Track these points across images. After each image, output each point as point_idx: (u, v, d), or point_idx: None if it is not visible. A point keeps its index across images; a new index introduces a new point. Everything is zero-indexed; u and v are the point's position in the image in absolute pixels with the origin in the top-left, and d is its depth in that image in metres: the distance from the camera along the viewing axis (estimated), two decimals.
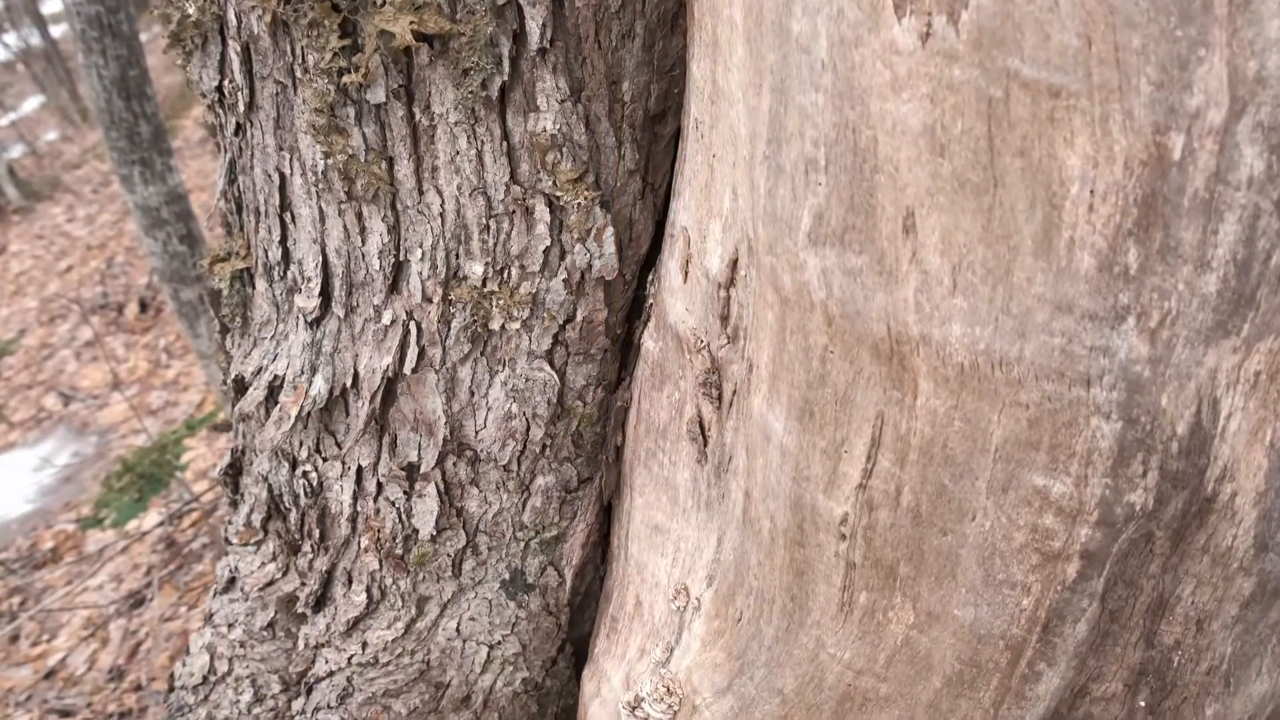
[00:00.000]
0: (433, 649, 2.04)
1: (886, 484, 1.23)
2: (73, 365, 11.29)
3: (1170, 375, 1.05)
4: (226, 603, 2.43)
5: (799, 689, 1.44)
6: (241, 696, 2.35)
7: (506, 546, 1.93)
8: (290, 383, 1.92)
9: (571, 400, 1.77)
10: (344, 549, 2.05)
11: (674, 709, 1.62)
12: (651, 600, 1.76)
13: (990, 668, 1.29)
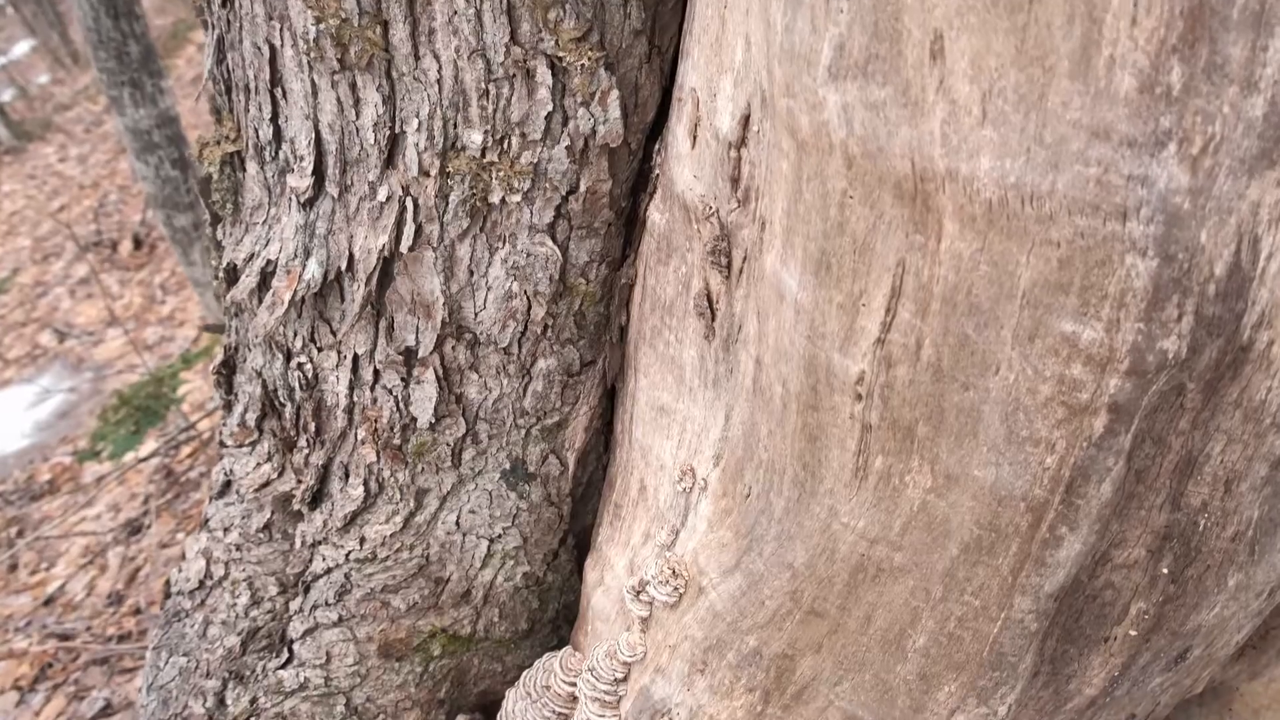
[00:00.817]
0: (432, 543, 2.00)
1: (906, 337, 1.17)
2: (67, 302, 11.21)
3: (1211, 209, 0.99)
4: (222, 507, 2.38)
5: (810, 562, 1.39)
6: (238, 600, 2.31)
7: (507, 434, 1.87)
8: (283, 267, 1.86)
9: (574, 277, 1.70)
10: (340, 442, 2.00)
11: (680, 591, 1.58)
12: (656, 484, 1.71)
13: (1010, 532, 1.24)
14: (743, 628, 1.50)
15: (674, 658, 1.60)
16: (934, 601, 1.34)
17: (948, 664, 1.38)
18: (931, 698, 1.42)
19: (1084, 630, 1.35)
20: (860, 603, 1.38)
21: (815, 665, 1.47)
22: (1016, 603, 1.31)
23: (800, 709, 1.51)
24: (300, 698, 2.08)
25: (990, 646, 1.35)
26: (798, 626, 1.45)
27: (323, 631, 2.08)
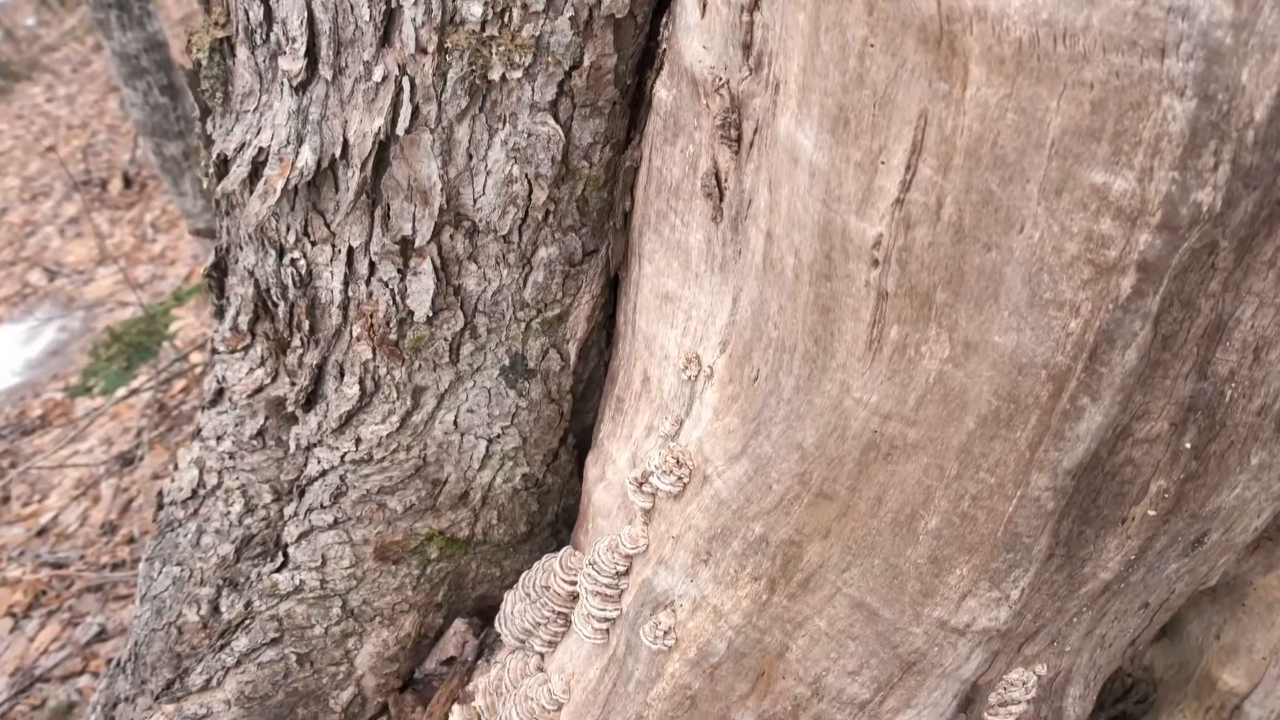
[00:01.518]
0: (429, 444, 1.95)
1: (927, 196, 1.12)
2: (57, 242, 11.08)
3: (1254, 45, 0.94)
4: (214, 415, 2.33)
5: (820, 441, 1.34)
6: (232, 508, 2.27)
7: (506, 328, 1.82)
8: (275, 155, 1.79)
9: (577, 160, 1.65)
10: (335, 340, 1.95)
11: (683, 481, 1.54)
12: (660, 374, 1.66)
13: (1029, 403, 1.20)
14: (748, 514, 1.46)
15: (677, 549, 1.56)
16: (948, 480, 1.30)
17: (960, 546, 1.34)
18: (942, 581, 1.38)
19: (1101, 510, 1.31)
20: (871, 483, 1.34)
21: (823, 551, 1.43)
22: (1033, 480, 1.26)
23: (807, 597, 1.47)
24: (296, 600, 2.04)
25: (1005, 527, 1.31)
26: (805, 510, 1.41)
27: (318, 535, 2.05)
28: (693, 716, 1.63)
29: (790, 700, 1.55)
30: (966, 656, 1.45)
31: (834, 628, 1.48)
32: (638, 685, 1.64)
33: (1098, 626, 1.51)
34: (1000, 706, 1.51)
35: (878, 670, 1.49)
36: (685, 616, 1.57)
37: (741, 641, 1.53)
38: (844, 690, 1.52)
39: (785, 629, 1.51)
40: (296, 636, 2.04)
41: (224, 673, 2.06)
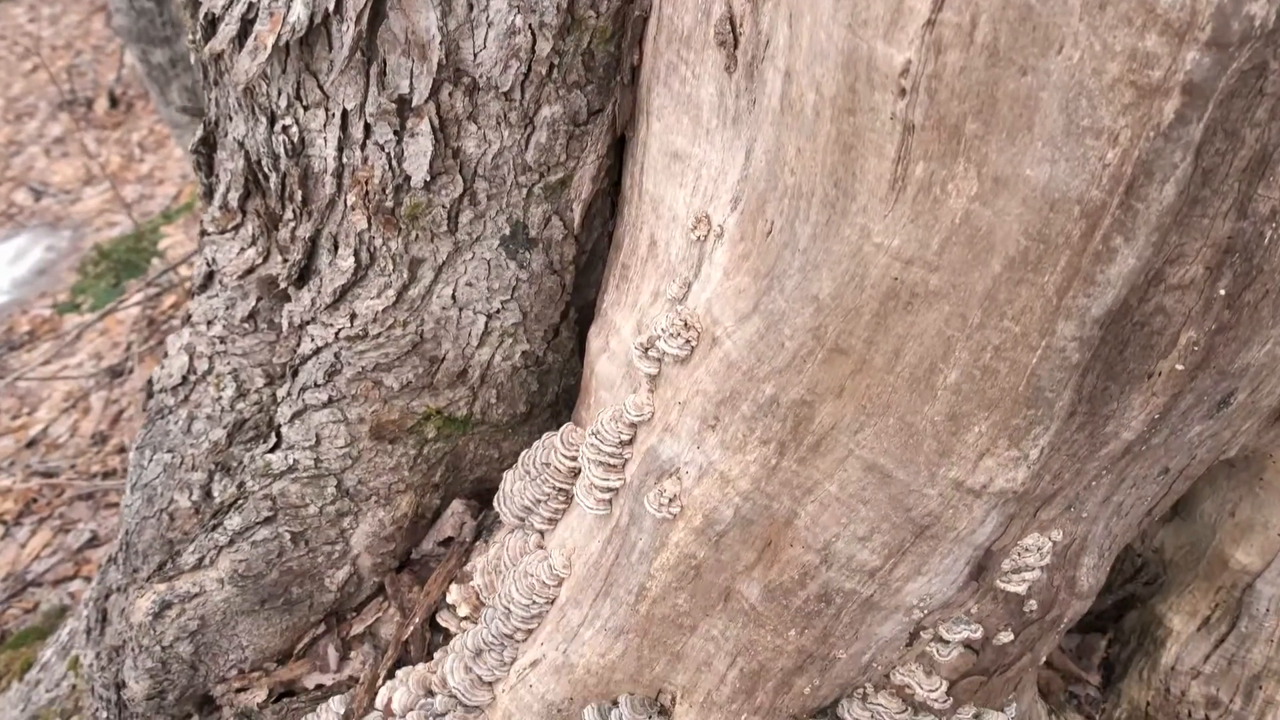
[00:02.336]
0: (426, 319, 1.89)
1: (960, 15, 1.05)
2: (43, 162, 10.88)
3: None
4: (204, 300, 2.27)
5: (836, 292, 1.29)
6: (224, 393, 2.21)
7: (507, 194, 1.75)
8: (265, 9, 1.71)
9: (583, 9, 1.57)
10: (329, 211, 1.88)
11: (691, 344, 1.48)
12: (668, 238, 1.60)
13: (1060, 243, 1.14)
14: (759, 375, 1.41)
15: (683, 415, 1.51)
16: (970, 330, 1.24)
17: (980, 401, 1.29)
18: (959, 440, 1.33)
19: (1128, 364, 1.26)
20: (889, 335, 1.29)
21: (835, 412, 1.38)
22: (1060, 328, 1.21)
23: (817, 461, 1.42)
24: (289, 480, 1.99)
25: (1027, 380, 1.26)
26: (819, 367, 1.35)
27: (312, 414, 1.99)
28: (697, 587, 1.59)
29: (798, 569, 1.51)
30: (981, 520, 1.41)
31: (845, 492, 1.43)
32: (641, 556, 1.60)
33: (1115, 493, 1.46)
34: (1013, 573, 1.47)
35: (889, 536, 1.44)
36: (691, 484, 1.52)
37: (749, 508, 1.49)
38: (854, 557, 1.47)
39: (794, 495, 1.46)
40: (290, 515, 1.99)
41: (216, 551, 2.01)
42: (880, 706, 1.65)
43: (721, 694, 1.67)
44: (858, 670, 1.64)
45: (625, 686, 1.73)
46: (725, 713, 1.68)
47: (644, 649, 1.68)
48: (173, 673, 2.09)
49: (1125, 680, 2.07)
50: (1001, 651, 1.61)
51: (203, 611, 2.03)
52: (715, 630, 1.63)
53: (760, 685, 1.64)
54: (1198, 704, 1.97)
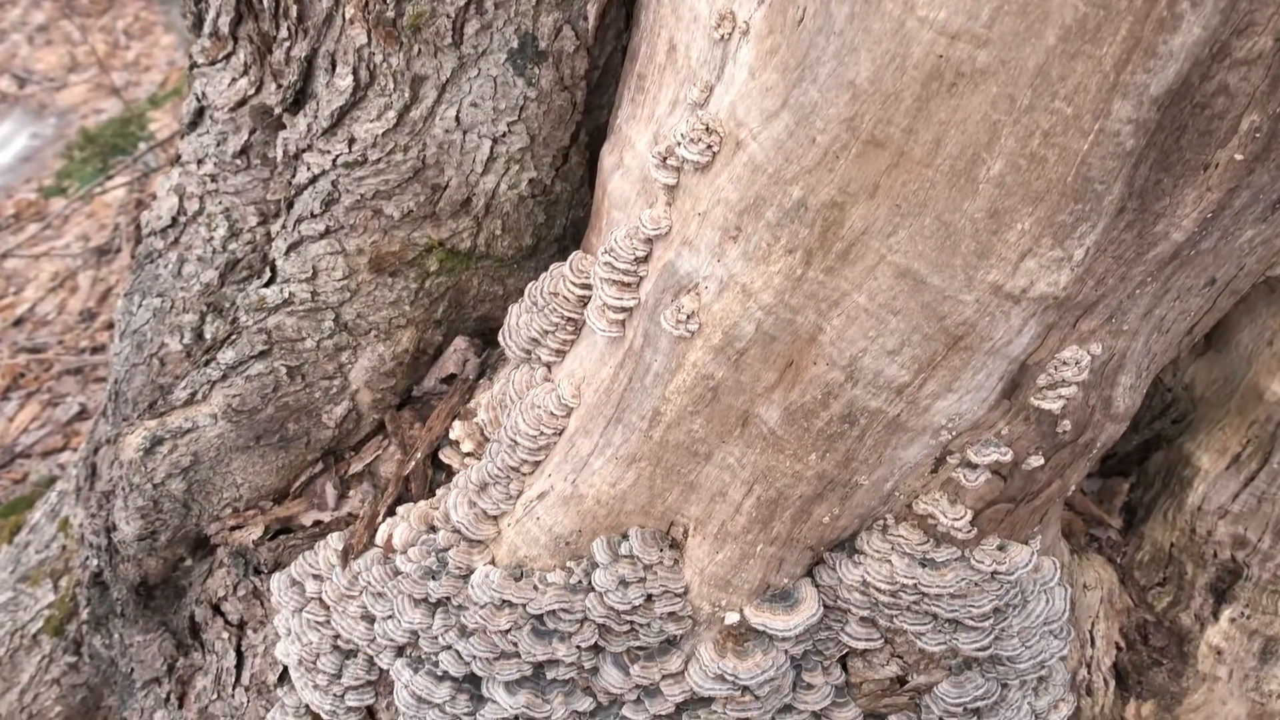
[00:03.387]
0: (428, 143, 1.80)
1: None
2: (26, 49, 10.61)
3: None
4: (194, 138, 2.17)
5: (875, 75, 1.20)
6: (215, 233, 2.13)
7: (516, 2, 1.65)
8: None
9: None
10: (326, 27, 1.78)
11: (713, 149, 1.40)
12: (688, 40, 1.51)
13: (1122, 8, 1.06)
14: (786, 177, 1.33)
15: (704, 226, 1.44)
16: (1018, 113, 1.16)
17: (1024, 195, 1.22)
18: (1000, 240, 1.26)
19: (1183, 153, 1.19)
20: (930, 123, 1.21)
21: (868, 215, 1.31)
22: (1115, 109, 1.13)
23: (846, 270, 1.35)
24: (285, 313, 1.92)
25: (1076, 170, 1.19)
26: (853, 164, 1.27)
27: (308, 245, 1.91)
28: (714, 411, 1.53)
29: (821, 388, 1.45)
30: (1018, 330, 1.34)
31: (874, 302, 1.36)
32: (655, 378, 1.54)
33: (1158, 305, 1.40)
34: (1049, 389, 1.42)
35: (920, 349, 1.38)
36: (710, 299, 1.45)
37: (771, 323, 1.42)
38: (881, 373, 1.41)
39: (820, 308, 1.39)
40: (286, 349, 1.93)
41: (209, 386, 1.95)
42: (901, 538, 1.60)
43: (736, 524, 1.62)
44: (879, 499, 1.59)
45: (636, 519, 1.68)
46: (740, 544, 1.63)
47: (656, 478, 1.63)
48: (165, 512, 2.03)
49: (1149, 523, 2.03)
50: (1030, 478, 1.56)
51: (195, 448, 1.97)
52: (731, 458, 1.57)
53: (777, 515, 1.59)
54: (1224, 544, 1.93)
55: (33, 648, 3.19)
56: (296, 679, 1.92)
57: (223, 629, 2.11)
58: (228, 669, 2.11)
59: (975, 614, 1.59)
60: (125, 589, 2.25)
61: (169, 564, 2.17)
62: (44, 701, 3.21)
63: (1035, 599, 1.66)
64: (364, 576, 1.80)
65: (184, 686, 2.27)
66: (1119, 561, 2.04)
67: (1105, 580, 1.99)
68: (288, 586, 1.90)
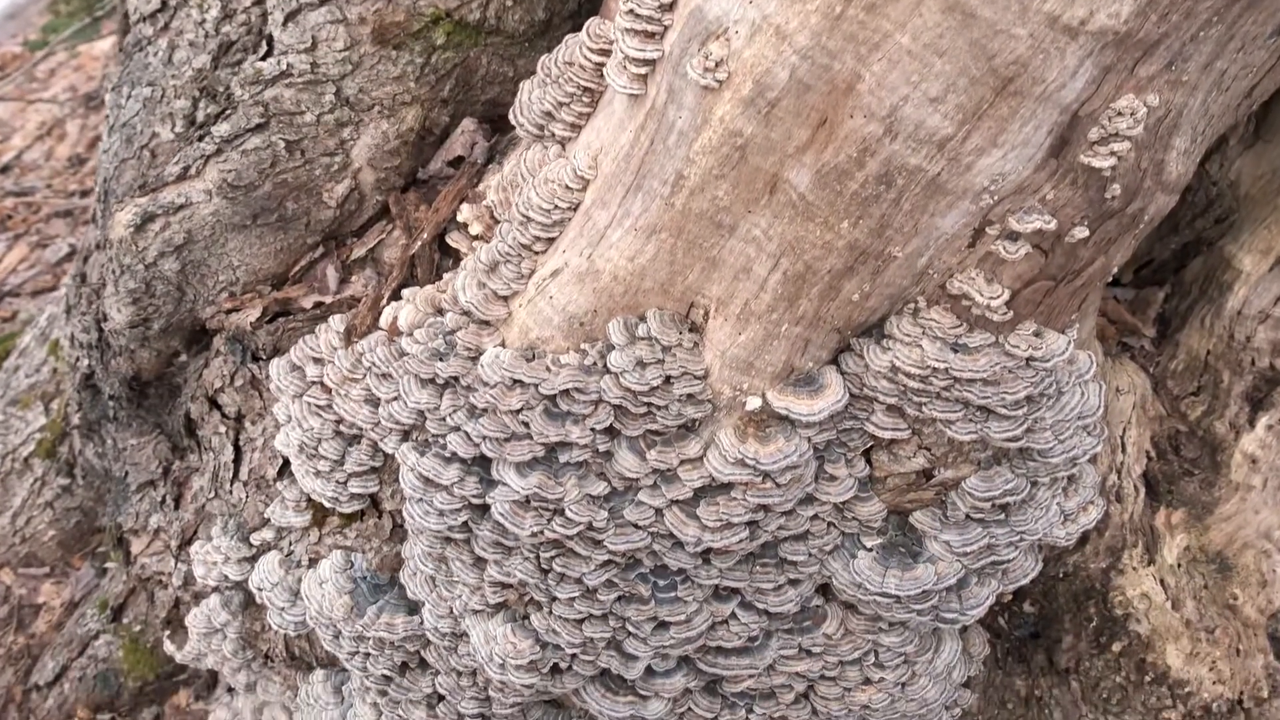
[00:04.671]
0: None
1: None
2: None
3: None
4: None
5: None
6: (208, 14, 2.06)
7: None
8: None
9: None
10: None
11: None
12: None
13: None
14: None
15: None
16: None
17: None
18: None
19: None
20: None
21: None
22: None
23: (888, 8, 1.29)
24: (283, 85, 1.85)
25: None
26: None
27: (307, 14, 1.84)
28: (740, 175, 1.46)
29: (856, 145, 1.39)
30: (1074, 71, 1.27)
31: (919, 43, 1.29)
32: (679, 138, 1.47)
33: (1220, 56, 1.33)
34: (1100, 145, 1.35)
35: (965, 95, 1.31)
36: (741, 44, 1.38)
37: (806, 70, 1.35)
38: (923, 124, 1.35)
39: (859, 52, 1.32)
40: (285, 123, 1.86)
41: (203, 161, 1.89)
42: (933, 321, 1.56)
43: (760, 303, 1.57)
44: (911, 277, 1.54)
45: (654, 299, 1.63)
46: (764, 324, 1.58)
47: (677, 252, 1.57)
48: (157, 296, 1.99)
49: (1184, 331, 1.99)
50: (1073, 253, 1.51)
51: (189, 225, 1.92)
52: (758, 229, 1.51)
53: (804, 291, 1.54)
54: (1263, 350, 1.88)
55: (24, 471, 3.19)
56: (297, 467, 1.89)
57: (219, 423, 2.08)
58: (225, 464, 2.09)
59: (1008, 401, 1.55)
60: (118, 384, 2.21)
61: (163, 358, 2.13)
62: (37, 525, 3.22)
63: (1070, 391, 1.62)
64: (368, 358, 1.77)
65: (180, 488, 2.26)
66: (1152, 371, 1.99)
67: (1138, 386, 1.95)
68: (288, 371, 1.87)
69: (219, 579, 2.16)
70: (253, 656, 2.26)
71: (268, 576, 2.02)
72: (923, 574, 1.66)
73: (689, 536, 1.64)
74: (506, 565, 1.73)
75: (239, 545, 2.11)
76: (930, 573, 1.67)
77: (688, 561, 1.68)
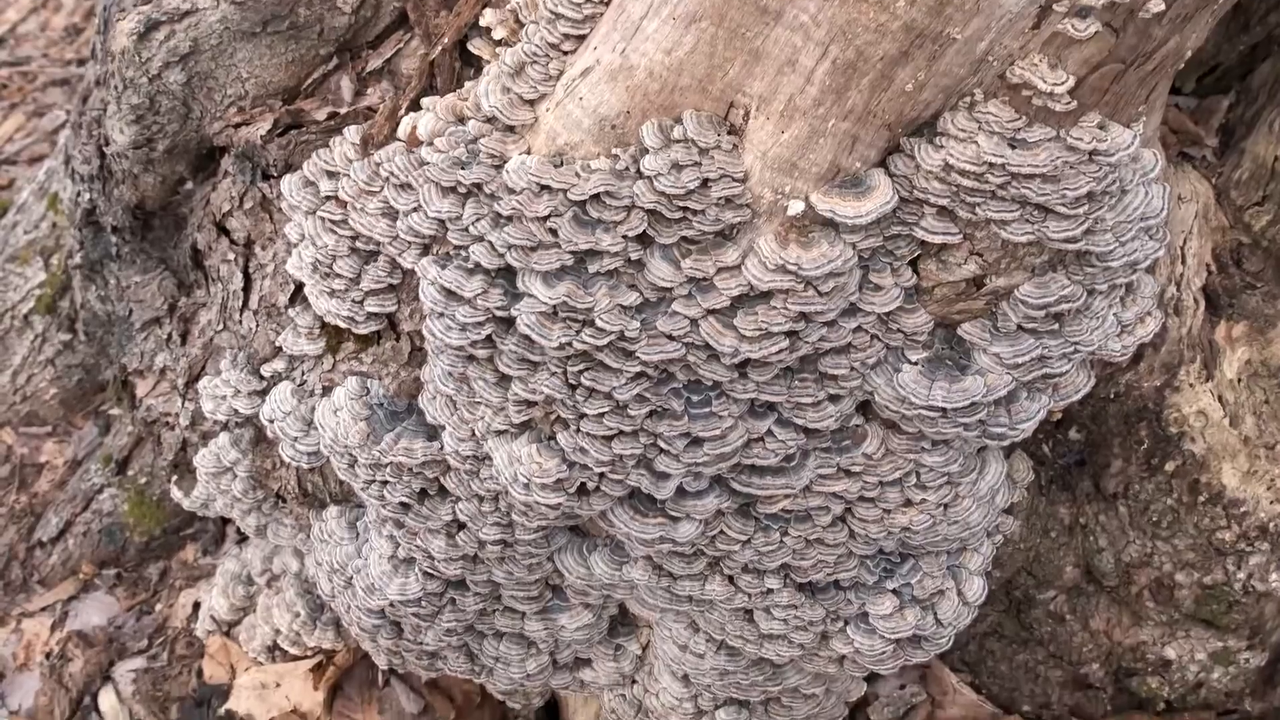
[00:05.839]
0: None
1: None
2: None
3: None
4: None
5: None
6: None
7: None
8: None
9: None
10: None
11: None
12: None
13: None
14: None
15: None
16: None
17: None
18: None
19: None
20: None
21: None
22: None
23: None
24: None
25: None
26: None
27: None
28: None
29: None
30: None
31: None
32: None
33: None
34: None
35: None
36: None
37: None
38: None
39: None
40: None
41: None
42: (990, 115, 1.46)
43: (806, 98, 1.47)
44: (970, 65, 1.43)
45: (691, 98, 1.53)
46: (809, 120, 1.48)
47: (718, 43, 1.47)
48: (162, 113, 1.88)
49: (1250, 137, 1.88)
50: (1146, 32, 1.40)
51: (195, 34, 1.81)
52: (805, 14, 1.41)
53: (854, 82, 1.44)
54: None
55: (24, 329, 3.09)
56: (311, 288, 1.80)
57: (228, 250, 1.99)
58: (234, 293, 2.00)
59: (1069, 198, 1.46)
60: (121, 214, 2.11)
61: (168, 184, 2.03)
62: (38, 383, 3.14)
63: (1133, 191, 1.53)
64: (386, 168, 1.67)
65: (186, 324, 2.17)
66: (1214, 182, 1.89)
67: (1201, 195, 1.85)
68: (300, 187, 1.77)
69: (228, 414, 2.08)
70: (263, 497, 2.19)
71: (280, 406, 1.94)
72: (971, 386, 1.58)
73: (726, 347, 1.55)
74: (532, 382, 1.64)
75: (249, 378, 2.03)
76: (979, 384, 1.59)
77: (723, 375, 1.60)
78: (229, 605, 2.73)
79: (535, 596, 1.98)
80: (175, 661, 2.85)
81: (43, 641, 2.95)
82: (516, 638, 2.06)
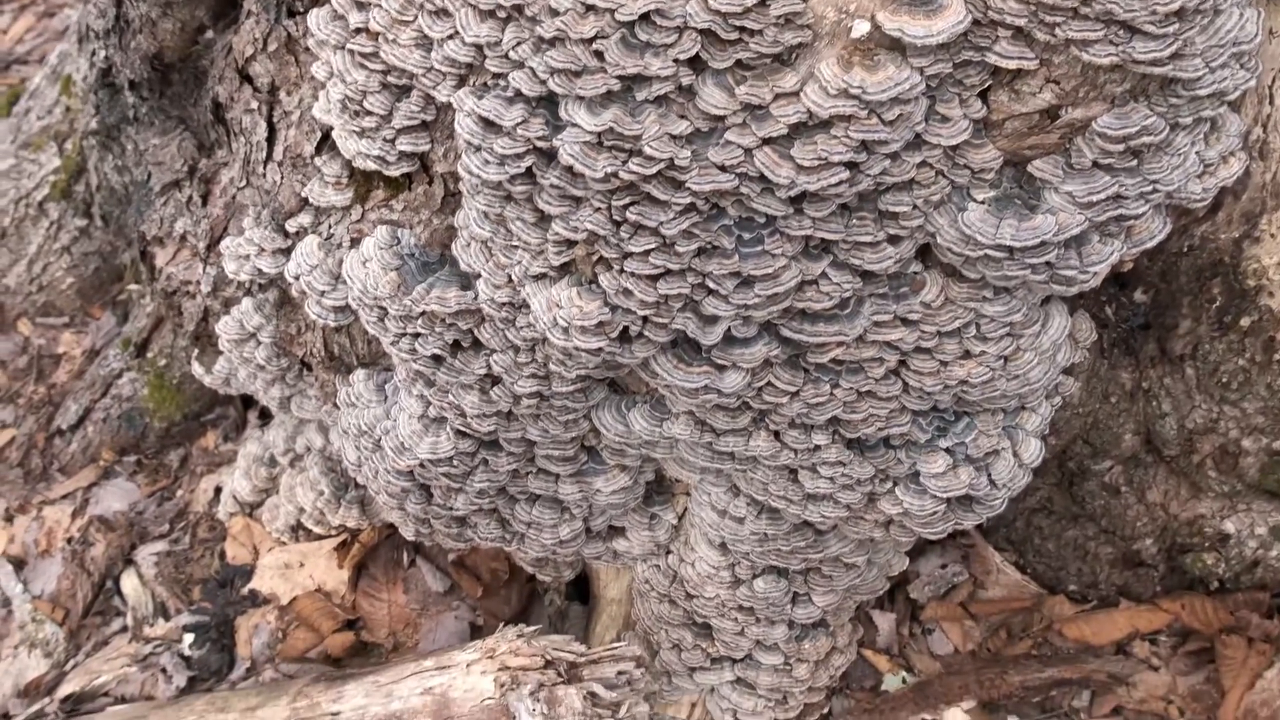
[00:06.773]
0: None
1: None
2: None
3: None
4: None
5: None
6: None
7: None
8: None
9: None
10: None
11: None
12: None
13: None
14: None
15: None
16: None
17: None
18: None
19: None
20: None
21: None
22: None
23: None
24: None
25: None
26: None
27: None
28: None
29: None
30: None
31: None
32: None
33: None
34: None
35: None
36: None
37: None
38: None
39: None
40: None
41: None
42: None
43: None
44: None
45: None
46: None
47: None
48: None
49: None
50: None
51: None
52: None
53: None
54: None
55: (39, 217, 2.99)
56: (339, 129, 1.70)
57: (251, 98, 1.87)
58: (258, 144, 1.89)
59: (1160, 14, 1.34)
60: (139, 66, 1.98)
61: (187, 32, 1.92)
62: (54, 272, 3.05)
63: (1227, 12, 1.41)
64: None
65: (207, 185, 2.07)
66: None
67: None
68: (329, 21, 1.66)
69: (252, 274, 1.98)
70: (288, 365, 2.10)
71: (306, 259, 1.84)
72: (1041, 224, 1.47)
73: (782, 178, 1.44)
74: (574, 219, 1.54)
75: (273, 235, 1.92)
76: (1050, 223, 1.48)
77: (778, 208, 1.49)
78: (251, 487, 2.66)
79: (570, 457, 1.90)
80: (197, 545, 2.79)
81: (64, 528, 2.89)
82: (550, 502, 1.98)
